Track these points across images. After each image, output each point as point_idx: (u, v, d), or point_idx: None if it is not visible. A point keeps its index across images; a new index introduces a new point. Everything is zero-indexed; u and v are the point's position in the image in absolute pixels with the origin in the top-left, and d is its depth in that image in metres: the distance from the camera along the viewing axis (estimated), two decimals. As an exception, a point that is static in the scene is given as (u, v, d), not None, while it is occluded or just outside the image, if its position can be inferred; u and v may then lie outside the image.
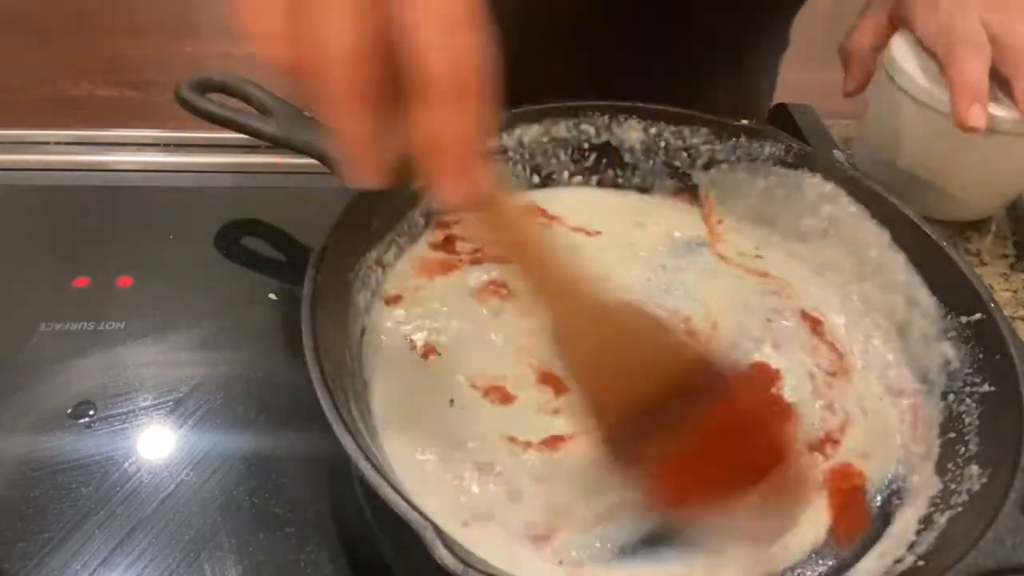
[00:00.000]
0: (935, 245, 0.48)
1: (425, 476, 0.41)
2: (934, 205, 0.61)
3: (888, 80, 0.60)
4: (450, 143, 0.29)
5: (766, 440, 0.36)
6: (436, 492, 0.40)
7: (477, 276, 0.50)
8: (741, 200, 0.56)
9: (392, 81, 0.28)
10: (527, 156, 0.56)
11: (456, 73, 0.28)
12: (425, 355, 0.46)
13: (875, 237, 0.51)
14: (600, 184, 0.58)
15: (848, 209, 0.53)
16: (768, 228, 0.56)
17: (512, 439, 0.42)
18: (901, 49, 0.59)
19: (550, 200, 0.56)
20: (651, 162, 0.57)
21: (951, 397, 0.45)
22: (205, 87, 0.52)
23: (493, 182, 0.32)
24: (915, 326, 0.49)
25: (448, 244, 0.52)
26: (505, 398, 0.44)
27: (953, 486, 0.41)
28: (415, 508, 0.33)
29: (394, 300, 0.49)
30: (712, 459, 0.35)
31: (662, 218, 0.57)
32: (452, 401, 0.44)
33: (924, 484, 0.42)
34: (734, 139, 0.56)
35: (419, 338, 0.47)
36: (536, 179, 0.57)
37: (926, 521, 0.40)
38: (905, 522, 0.41)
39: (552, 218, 0.55)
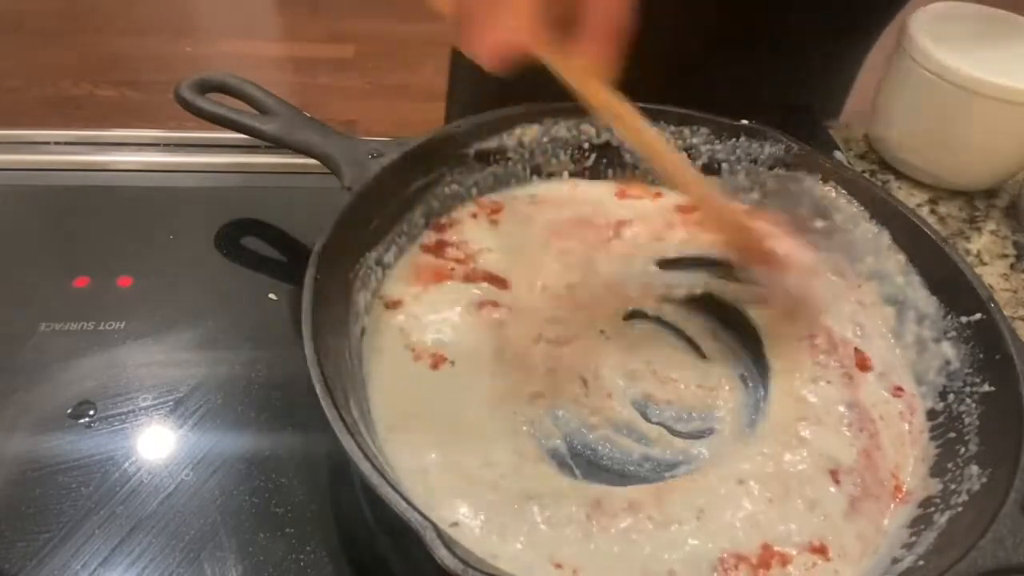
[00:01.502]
0: (935, 245, 0.48)
1: (427, 479, 0.41)
2: (947, 175, 0.65)
3: (903, 52, 0.62)
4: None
5: None
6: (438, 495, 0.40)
7: (472, 291, 0.50)
8: (739, 200, 0.56)
9: None
10: (527, 156, 0.56)
11: None
12: (435, 365, 0.46)
13: (875, 237, 0.51)
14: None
15: (848, 210, 0.53)
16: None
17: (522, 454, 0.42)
18: (917, 23, 0.62)
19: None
20: (651, 162, 0.57)
21: (951, 397, 0.45)
22: (205, 87, 0.52)
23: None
24: (914, 326, 0.49)
25: (439, 248, 0.52)
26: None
27: (953, 486, 0.41)
28: (415, 508, 0.33)
29: (394, 305, 0.49)
30: None
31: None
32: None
33: (918, 487, 0.42)
34: (734, 139, 0.56)
35: (420, 342, 0.47)
36: (536, 179, 0.57)
37: (925, 521, 0.40)
38: (895, 523, 0.41)
39: None
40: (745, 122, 0.55)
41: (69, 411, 0.45)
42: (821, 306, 0.50)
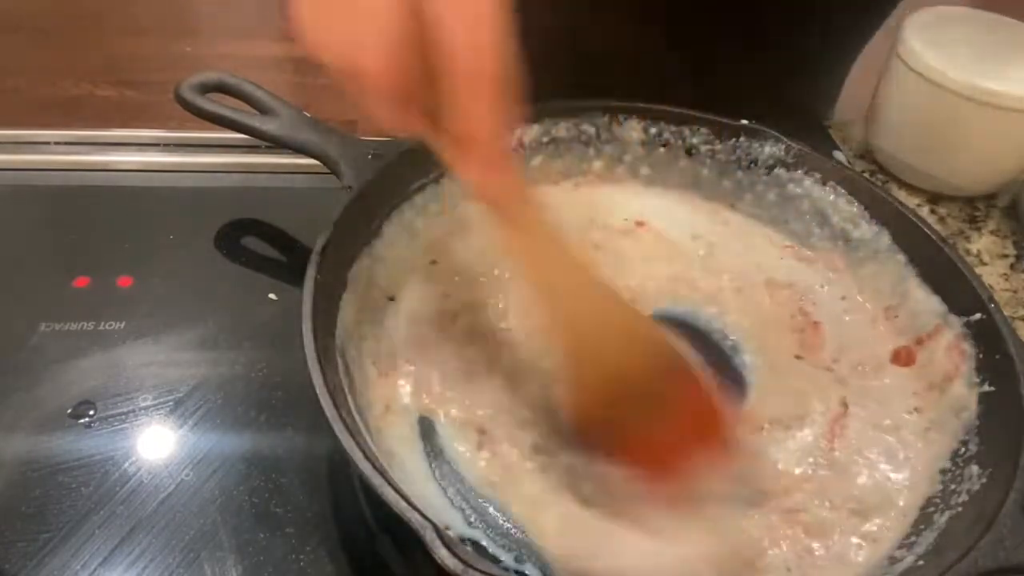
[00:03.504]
0: (935, 245, 0.48)
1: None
2: (943, 180, 0.64)
3: (898, 59, 0.62)
4: (477, 136, 0.32)
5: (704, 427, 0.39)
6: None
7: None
8: (739, 200, 0.56)
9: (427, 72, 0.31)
10: (527, 156, 0.56)
11: (479, 70, 0.30)
12: None
13: (875, 237, 0.51)
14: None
15: (847, 210, 0.53)
16: (767, 228, 0.56)
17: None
18: (912, 28, 0.62)
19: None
20: (651, 162, 0.57)
21: (951, 397, 0.45)
22: (205, 87, 0.52)
23: (514, 176, 0.35)
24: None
25: None
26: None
27: (953, 486, 0.41)
28: (415, 508, 0.33)
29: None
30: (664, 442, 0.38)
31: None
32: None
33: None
34: (734, 139, 0.55)
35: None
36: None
37: (925, 521, 0.40)
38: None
39: None
40: (745, 122, 0.55)
41: (69, 411, 0.45)
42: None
